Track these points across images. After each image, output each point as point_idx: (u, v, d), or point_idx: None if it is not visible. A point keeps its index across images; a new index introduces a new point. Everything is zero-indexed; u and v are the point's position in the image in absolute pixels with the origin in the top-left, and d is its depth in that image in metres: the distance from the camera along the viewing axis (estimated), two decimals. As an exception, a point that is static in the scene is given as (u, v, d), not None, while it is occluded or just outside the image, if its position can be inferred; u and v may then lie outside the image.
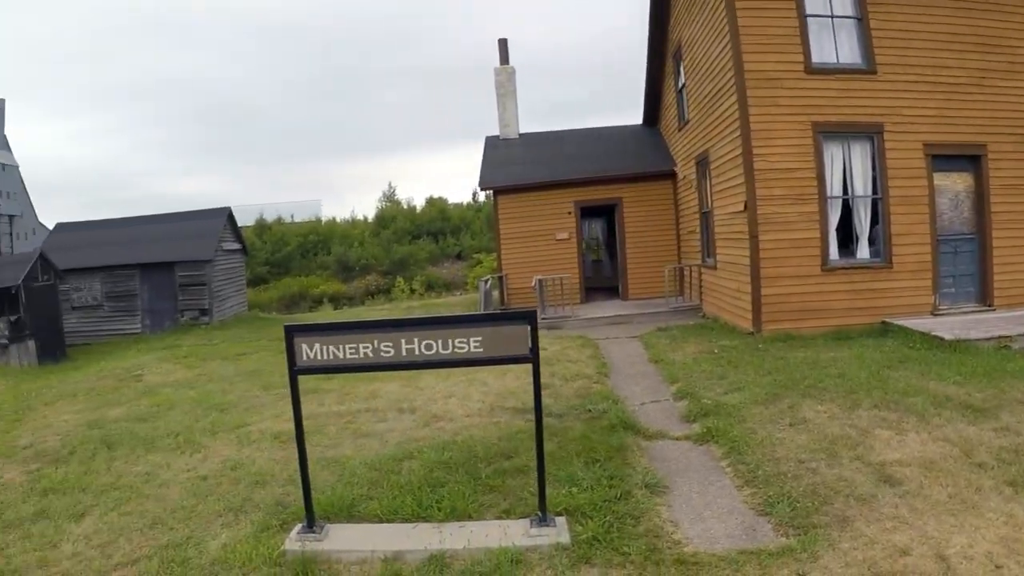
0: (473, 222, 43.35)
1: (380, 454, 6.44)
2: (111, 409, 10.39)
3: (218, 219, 22.85)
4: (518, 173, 17.78)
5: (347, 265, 38.31)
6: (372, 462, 6.18)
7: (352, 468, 6.08)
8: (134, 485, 6.51)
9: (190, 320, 21.01)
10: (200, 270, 21.12)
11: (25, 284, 17.12)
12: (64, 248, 21.25)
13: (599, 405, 7.49)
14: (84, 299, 21.33)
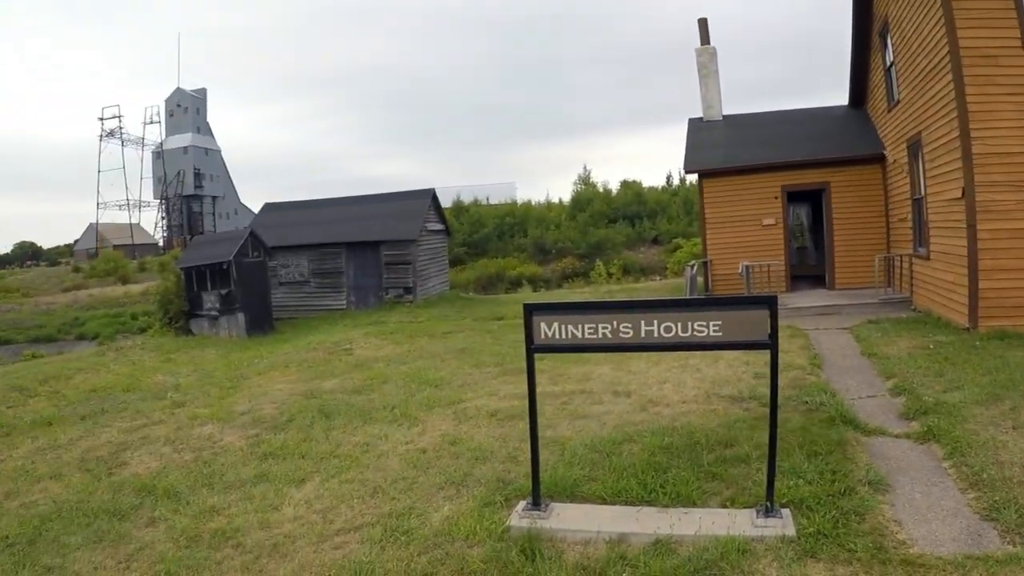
0: (669, 206, 60.87)
1: (599, 436, 9.33)
2: (325, 381, 15.15)
3: (423, 200, 33.33)
4: (723, 156, 24.86)
5: (543, 247, 55.03)
6: (592, 443, 8.99)
7: (572, 448, 8.86)
8: (353, 454, 9.83)
9: (394, 298, 30.75)
10: (405, 249, 30.85)
11: (236, 260, 26.16)
12: (272, 226, 31.99)
13: (815, 397, 10.38)
14: (291, 275, 31.79)
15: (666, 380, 12.17)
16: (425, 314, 26.91)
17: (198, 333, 26.87)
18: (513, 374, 14.10)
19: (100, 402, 15.32)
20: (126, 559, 7.27)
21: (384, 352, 18.49)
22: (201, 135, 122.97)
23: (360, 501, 8.12)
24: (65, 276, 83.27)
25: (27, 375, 19.44)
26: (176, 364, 20.28)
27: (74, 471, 10.42)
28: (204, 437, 11.48)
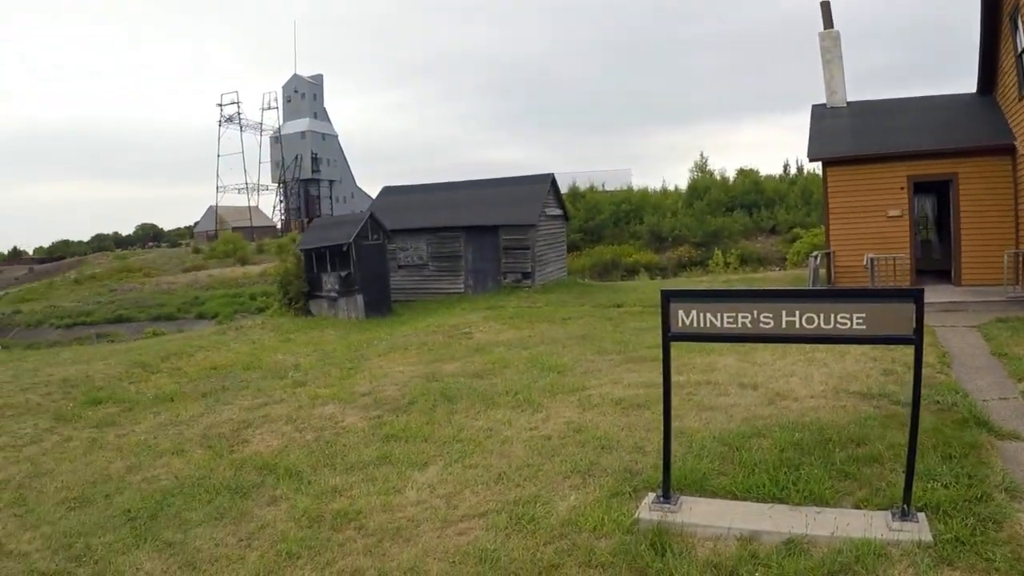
0: (787, 195, 60.61)
1: (727, 429, 9.20)
2: (446, 364, 15.21)
3: (542, 185, 33.50)
4: (848, 144, 24.63)
5: (659, 235, 55.34)
6: (720, 436, 8.88)
7: (700, 441, 8.76)
8: (476, 439, 9.76)
9: (512, 283, 30.98)
10: (524, 234, 31.02)
11: (356, 242, 26.74)
12: (390, 210, 32.68)
13: (947, 397, 10.09)
14: (410, 258, 32.41)
15: (792, 373, 11.95)
16: (543, 299, 27.06)
17: (317, 314, 27.45)
18: (636, 362, 13.93)
19: (221, 380, 15.66)
20: (247, 537, 7.31)
21: (504, 337, 18.45)
22: (318, 120, 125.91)
23: (484, 487, 8.04)
24: (185, 257, 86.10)
25: (150, 352, 20.03)
26: (295, 344, 20.65)
27: (196, 447, 10.59)
28: (325, 417, 11.54)
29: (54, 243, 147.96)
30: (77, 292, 69.59)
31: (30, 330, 53.17)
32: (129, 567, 6.87)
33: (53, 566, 7.03)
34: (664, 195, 66.52)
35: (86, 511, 8.41)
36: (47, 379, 16.55)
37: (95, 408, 13.79)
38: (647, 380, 11.99)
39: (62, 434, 12.03)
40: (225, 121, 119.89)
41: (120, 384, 15.92)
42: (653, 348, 14.54)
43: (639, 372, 12.89)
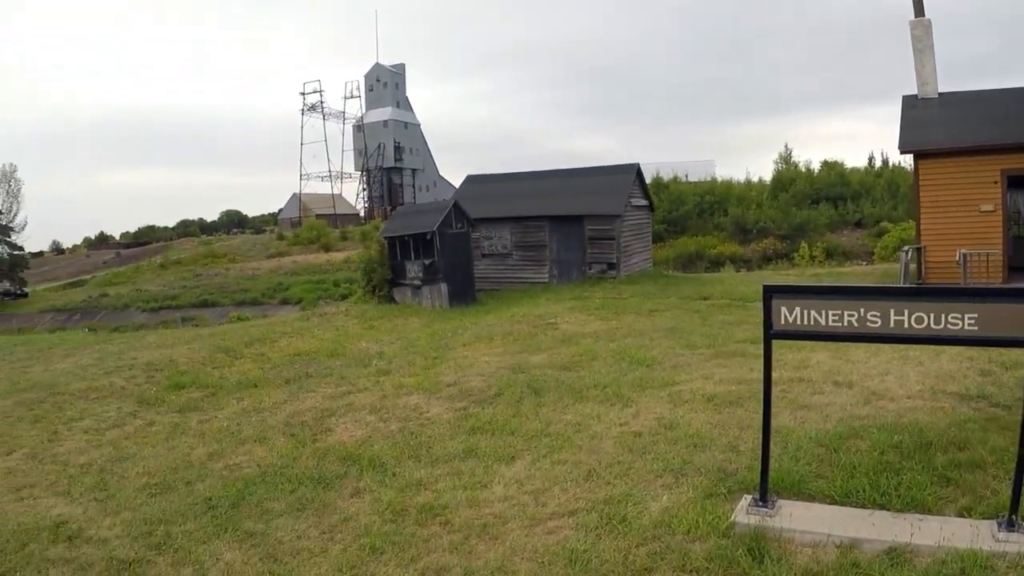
0: (873, 188, 59.31)
1: (823, 429, 8.83)
2: (532, 355, 14.98)
3: (627, 175, 33.27)
4: (940, 137, 24.09)
5: (744, 227, 54.80)
6: (816, 437, 8.52)
7: (796, 441, 8.41)
8: (564, 434, 9.52)
9: (597, 273, 30.57)
10: (609, 224, 30.77)
11: (440, 231, 26.73)
12: (474, 198, 32.58)
13: None
14: (494, 247, 32.47)
15: (887, 372, 11.45)
16: (629, 291, 26.64)
17: (401, 302, 27.54)
18: (726, 357, 13.53)
19: (304, 366, 15.66)
20: (330, 530, 7.20)
21: (590, 328, 18.16)
22: (400, 109, 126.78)
23: (573, 484, 7.80)
24: (269, 243, 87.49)
25: (233, 337, 20.16)
26: (379, 332, 20.63)
27: (278, 435, 10.53)
28: (410, 407, 11.40)
29: (140, 228, 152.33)
30: (163, 276, 71.21)
31: (116, 313, 54.49)
32: (209, 557, 6.80)
33: (132, 554, 6.99)
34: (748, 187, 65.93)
35: (167, 498, 8.40)
36: (131, 363, 16.73)
37: (178, 393, 13.90)
38: (739, 376, 11.64)
39: (145, 418, 12.11)
40: (308, 110, 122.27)
41: (204, 369, 16.02)
42: (744, 343, 14.55)
43: (730, 368, 12.54)
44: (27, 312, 59.62)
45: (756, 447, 7.75)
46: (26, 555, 7.11)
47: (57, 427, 11.83)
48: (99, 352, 19.52)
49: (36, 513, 8.19)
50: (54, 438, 11.23)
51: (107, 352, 19.25)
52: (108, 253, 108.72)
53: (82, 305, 59.08)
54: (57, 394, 14.08)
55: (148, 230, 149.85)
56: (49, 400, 13.67)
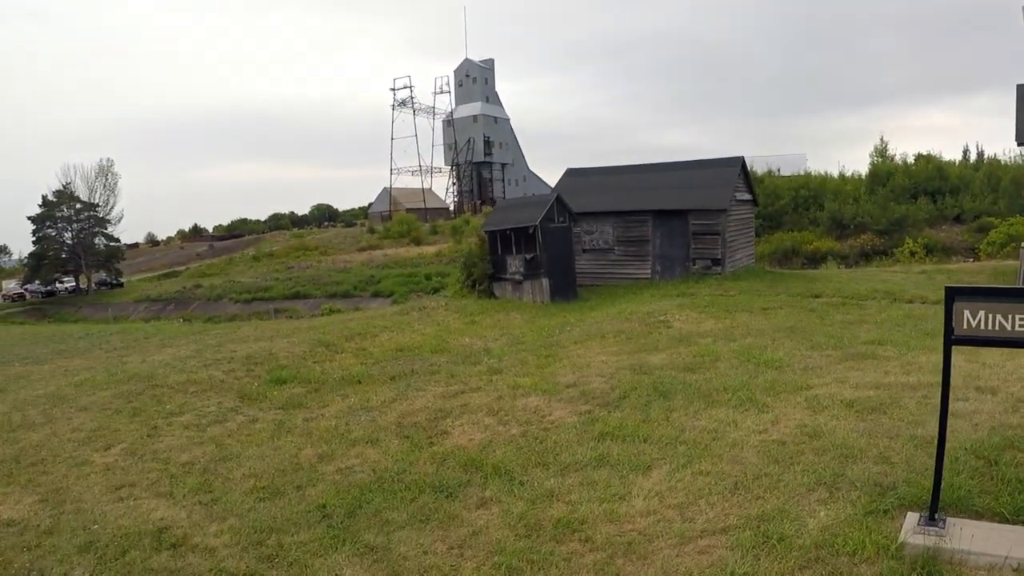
0: (971, 182, 58.04)
1: (975, 439, 8.22)
2: (650, 355, 14.25)
3: (732, 168, 32.44)
4: None
5: (840, 222, 53.89)
6: (972, 447, 7.92)
7: (951, 452, 7.60)
8: (701, 441, 8.83)
9: (701, 269, 29.84)
10: (714, 219, 30.05)
11: (542, 224, 26.17)
12: (574, 192, 32.06)
13: None
14: (595, 242, 31.76)
15: None
16: (735, 287, 25.57)
17: (501, 296, 27.11)
18: (856, 359, 12.72)
19: (409, 362, 15.15)
20: (458, 545, 6.65)
21: (705, 327, 17.34)
22: (490, 104, 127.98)
23: (720, 497, 7.19)
24: (360, 236, 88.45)
25: (333, 331, 19.76)
26: (481, 327, 20.09)
27: (391, 437, 9.93)
28: (530, 410, 10.70)
29: (232, 221, 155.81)
30: (255, 268, 72.34)
31: (209, 303, 55.48)
32: (327, 573, 6.30)
33: (243, 566, 6.52)
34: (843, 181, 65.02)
35: (276, 503, 7.89)
36: (230, 355, 16.40)
37: (280, 388, 13.48)
38: (874, 380, 10.90)
39: (247, 414, 11.65)
40: (398, 105, 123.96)
41: (304, 363, 15.61)
42: (871, 344, 13.89)
43: (863, 371, 11.73)
44: (122, 301, 60.98)
45: (909, 459, 7.55)
46: (127, 563, 6.67)
47: (156, 422, 11.43)
48: (196, 344, 19.31)
49: (137, 516, 7.74)
50: (154, 433, 10.81)
51: (205, 344, 19.01)
52: (201, 245, 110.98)
53: (176, 295, 60.28)
54: (156, 387, 13.74)
55: (240, 223, 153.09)
56: (148, 393, 13.32)
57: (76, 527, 7.48)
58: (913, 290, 22.15)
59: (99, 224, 74.00)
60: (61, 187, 72.63)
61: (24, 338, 30.41)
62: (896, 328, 15.56)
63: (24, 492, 8.70)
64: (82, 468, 9.43)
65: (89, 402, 12.91)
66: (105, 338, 26.79)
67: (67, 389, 14.25)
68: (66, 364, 20.01)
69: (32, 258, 72.07)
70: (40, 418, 12.12)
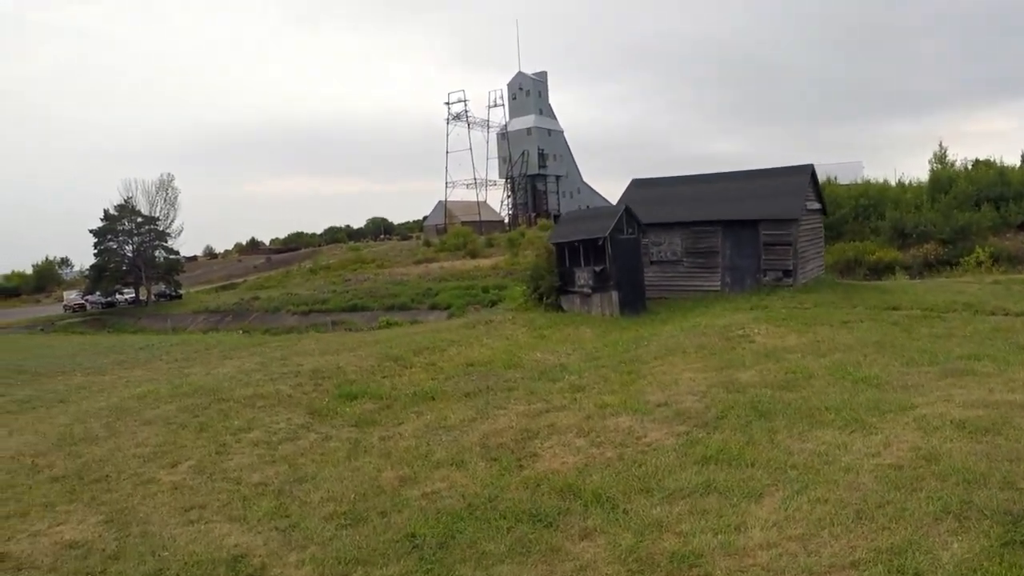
0: None
1: None
2: (737, 371, 13.48)
3: (802, 176, 31.58)
4: None
5: (902, 231, 52.91)
6: None
7: None
8: (812, 466, 8.12)
9: (772, 281, 29.06)
10: (785, 229, 29.13)
11: (611, 236, 25.41)
12: (640, 203, 30.96)
13: None
14: (663, 253, 30.88)
15: None
16: (809, 300, 24.45)
17: (568, 310, 26.48)
18: (956, 376, 11.98)
19: (482, 378, 14.54)
20: None
21: (788, 341, 16.50)
22: (543, 116, 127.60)
23: (843, 528, 6.53)
24: (416, 249, 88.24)
25: (400, 344, 19.26)
26: (551, 341, 19.45)
27: (477, 459, 9.29)
28: (622, 431, 9.99)
29: (289, 234, 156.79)
30: (312, 281, 72.35)
31: (268, 315, 55.38)
32: None
33: None
34: (902, 188, 63.22)
35: (360, 531, 7.29)
36: (296, 369, 15.92)
37: (350, 403, 12.96)
38: (981, 399, 10.22)
39: (319, 432, 11.09)
40: (453, 119, 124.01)
41: (373, 378, 15.11)
42: (967, 359, 13.18)
43: (967, 389, 10.98)
44: (180, 312, 61.18)
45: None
46: (201, 596, 6.02)
47: (224, 438, 10.92)
48: (260, 356, 18.90)
49: (209, 541, 7.21)
50: (222, 450, 10.27)
51: (269, 357, 18.58)
52: (259, 258, 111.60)
53: (234, 307, 60.32)
54: (222, 400, 13.27)
55: (297, 236, 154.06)
56: (214, 407, 12.85)
57: (144, 552, 6.96)
58: (993, 301, 21.18)
59: (159, 237, 74.54)
60: (123, 201, 73.31)
61: (84, 348, 30.32)
62: (987, 342, 14.76)
63: (88, 511, 8.22)
64: (148, 486, 8.91)
65: (153, 415, 12.45)
66: (165, 349, 26.59)
67: (130, 401, 13.83)
68: (127, 375, 19.72)
69: (93, 270, 72.74)
70: (103, 431, 11.70)
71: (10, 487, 9.26)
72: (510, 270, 61.62)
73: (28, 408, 15.07)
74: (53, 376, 20.42)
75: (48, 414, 13.86)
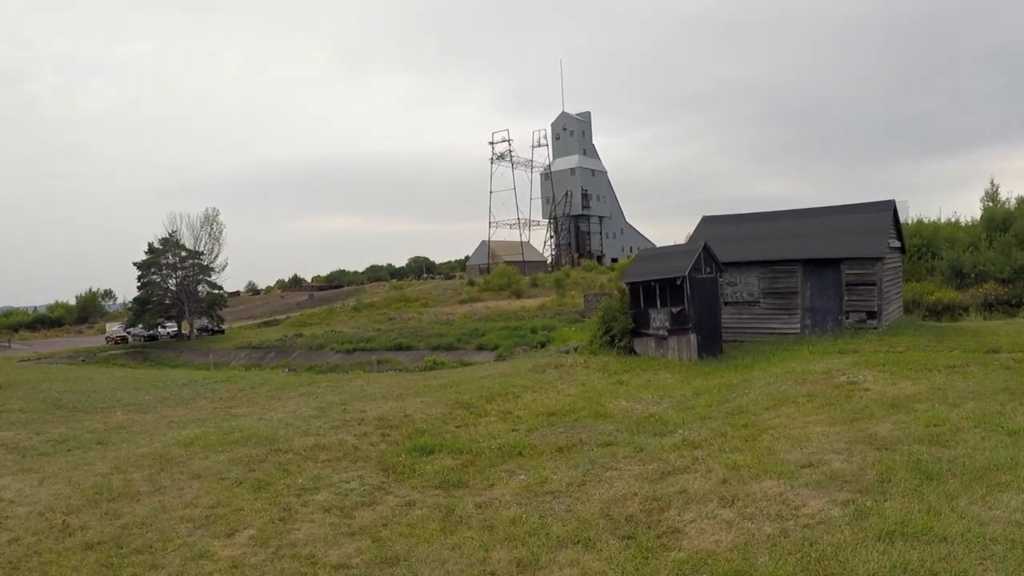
0: None
1: None
2: (869, 424, 11.64)
3: (884, 213, 30.22)
4: None
5: (960, 271, 51.75)
6: None
7: None
8: (1014, 537, 6.57)
9: (855, 323, 27.48)
10: (870, 268, 27.64)
11: (690, 275, 23.71)
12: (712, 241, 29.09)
13: None
14: (738, 294, 29.20)
15: None
16: (900, 342, 22.75)
17: (642, 353, 24.69)
18: None
19: (570, 430, 12.85)
20: None
21: (905, 389, 14.53)
22: (587, 157, 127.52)
23: None
24: (461, 289, 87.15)
25: (468, 389, 17.62)
26: (631, 387, 17.73)
27: (606, 535, 7.52)
28: (772, 498, 8.19)
29: (331, 272, 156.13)
30: (356, 319, 71.27)
31: (311, 352, 54.18)
32: None
33: None
34: (955, 227, 61.95)
35: None
36: (359, 416, 14.27)
37: (427, 458, 11.28)
38: None
39: (399, 495, 9.33)
40: (497, 158, 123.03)
41: (446, 427, 13.48)
42: None
43: None
44: (223, 348, 60.09)
45: None
46: None
47: (288, 499, 9.20)
48: (317, 400, 17.34)
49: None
50: (287, 516, 8.55)
51: (327, 401, 16.96)
52: (301, 295, 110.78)
53: (277, 343, 59.26)
54: (279, 452, 11.61)
55: (339, 274, 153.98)
56: (271, 459, 11.18)
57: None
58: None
59: (203, 272, 73.81)
60: (167, 235, 72.73)
61: (126, 382, 28.85)
62: None
63: (129, 594, 6.54)
64: (201, 563, 7.26)
65: (202, 468, 10.81)
66: (210, 386, 25.12)
67: (175, 449, 12.17)
68: (170, 414, 18.21)
69: (136, 303, 72.01)
70: (146, 485, 10.05)
71: (35, 554, 7.68)
72: (558, 311, 60.27)
73: (63, 450, 13.50)
74: (92, 413, 18.92)
75: (84, 458, 12.25)
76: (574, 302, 63.31)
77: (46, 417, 18.34)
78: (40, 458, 12.72)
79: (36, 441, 14.50)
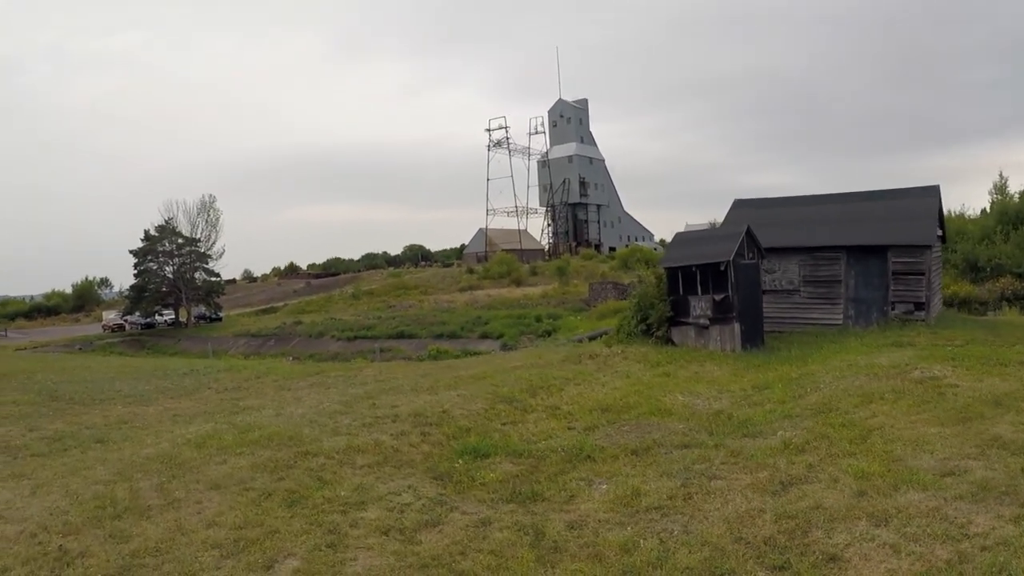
0: None
1: None
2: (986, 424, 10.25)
3: (931, 198, 28.55)
4: None
5: (975, 265, 50.73)
6: None
7: None
8: None
9: (902, 314, 25.91)
10: (918, 257, 26.01)
11: (734, 261, 22.18)
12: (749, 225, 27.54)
13: None
14: (777, 282, 27.64)
15: None
16: (956, 335, 21.12)
17: (680, 343, 23.02)
18: None
19: (636, 429, 11.35)
20: None
21: (995, 386, 12.78)
22: (584, 144, 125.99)
23: None
24: (459, 276, 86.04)
25: (504, 381, 16.07)
26: (681, 380, 16.22)
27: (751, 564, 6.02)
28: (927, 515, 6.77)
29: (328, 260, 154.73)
30: (355, 307, 70.12)
31: (311, 340, 53.06)
32: None
33: None
34: (964, 220, 60.67)
35: None
36: (392, 412, 12.65)
37: (482, 463, 9.74)
38: None
39: (465, 511, 7.76)
40: (493, 146, 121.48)
41: (490, 424, 11.99)
42: None
43: None
44: (221, 335, 58.78)
45: None
46: None
47: (332, 517, 7.57)
48: (339, 393, 15.80)
49: None
50: (336, 543, 6.90)
51: (351, 395, 15.32)
52: (299, 282, 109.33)
53: (275, 331, 58.10)
54: (308, 455, 9.98)
55: (335, 261, 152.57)
56: (300, 464, 9.56)
57: None
58: None
59: (200, 259, 72.31)
60: (164, 222, 71.19)
61: (124, 371, 27.18)
62: None
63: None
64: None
65: (221, 474, 9.19)
66: (213, 376, 23.57)
67: (186, 450, 10.53)
68: (174, 406, 16.68)
69: (133, 290, 70.62)
70: (156, 497, 8.42)
71: (26, 593, 6.12)
72: (561, 299, 59.07)
73: (59, 449, 11.90)
74: (90, 406, 17.35)
75: (83, 460, 10.62)
76: (577, 291, 62.07)
77: (41, 410, 16.75)
78: (33, 460, 11.12)
79: (30, 439, 12.93)
